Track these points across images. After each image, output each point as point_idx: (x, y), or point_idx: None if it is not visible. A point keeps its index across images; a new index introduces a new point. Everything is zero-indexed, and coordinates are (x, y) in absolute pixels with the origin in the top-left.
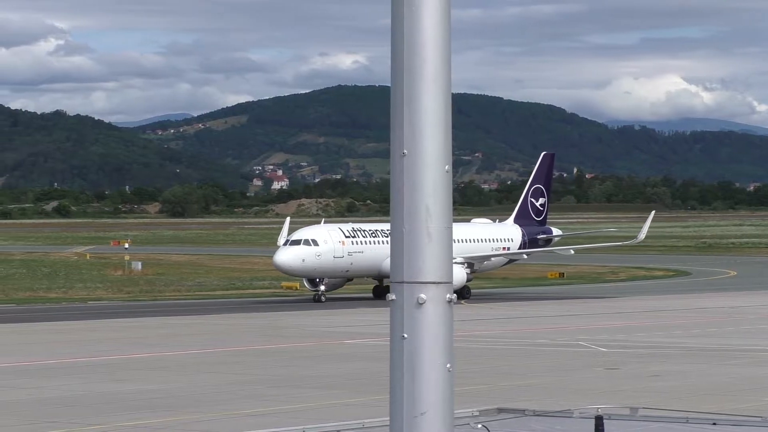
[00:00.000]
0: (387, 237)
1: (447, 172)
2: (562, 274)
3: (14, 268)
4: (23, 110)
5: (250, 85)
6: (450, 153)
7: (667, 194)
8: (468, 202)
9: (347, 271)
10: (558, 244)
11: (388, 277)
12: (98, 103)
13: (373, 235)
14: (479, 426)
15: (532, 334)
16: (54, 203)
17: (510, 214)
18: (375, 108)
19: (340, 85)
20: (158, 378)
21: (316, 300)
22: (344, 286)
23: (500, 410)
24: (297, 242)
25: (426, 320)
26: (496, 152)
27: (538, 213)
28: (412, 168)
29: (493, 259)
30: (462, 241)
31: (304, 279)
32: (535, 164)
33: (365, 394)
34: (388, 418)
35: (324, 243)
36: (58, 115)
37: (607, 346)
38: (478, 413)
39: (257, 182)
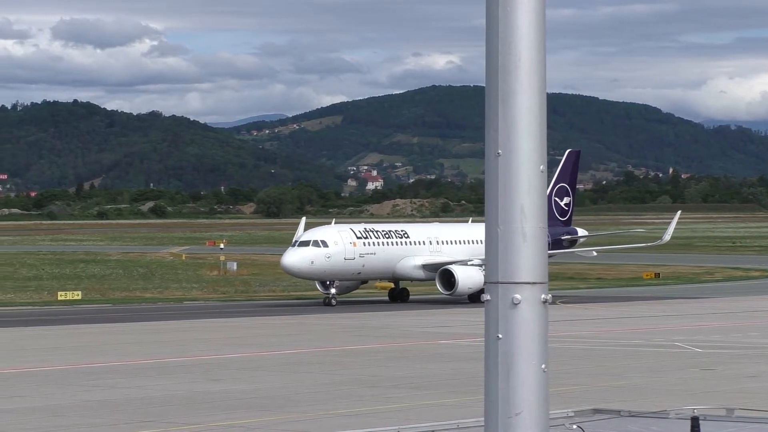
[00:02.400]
0: (401, 238)
1: (542, 172)
2: (657, 275)
3: (110, 268)
4: (119, 111)
5: (345, 86)
6: (545, 153)
7: (764, 194)
8: None
9: (359, 273)
10: (585, 245)
11: (403, 279)
12: (193, 103)
13: (387, 236)
14: (574, 427)
15: (627, 335)
16: (150, 204)
17: (602, 214)
18: (469, 108)
19: (434, 85)
20: (254, 378)
21: (326, 303)
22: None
23: (595, 411)
24: (306, 243)
25: (521, 320)
26: (591, 152)
27: (563, 213)
28: (507, 168)
29: None
30: (479, 242)
31: (316, 282)
32: (561, 162)
33: (460, 394)
34: (483, 419)
35: (334, 244)
36: (154, 115)
37: (702, 347)
38: (573, 414)
39: (352, 182)
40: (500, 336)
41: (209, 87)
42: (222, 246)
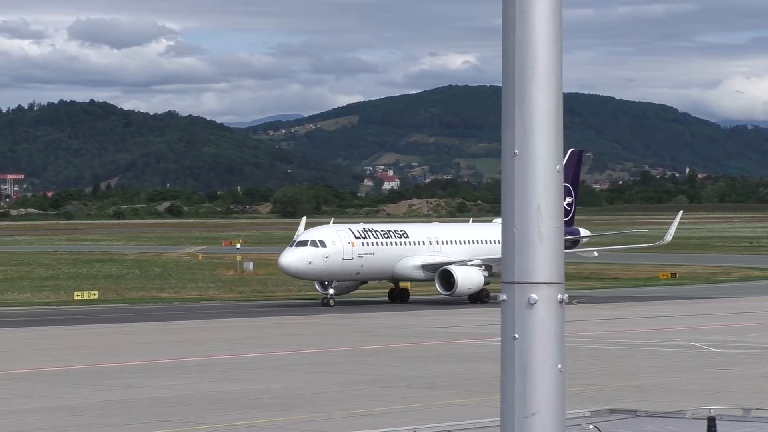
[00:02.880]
0: (400, 238)
1: (558, 172)
2: (674, 275)
3: (127, 268)
4: (136, 111)
5: (361, 86)
6: (561, 153)
7: None
8: (579, 202)
9: (357, 273)
10: (588, 245)
11: (402, 280)
12: (209, 103)
13: (386, 235)
14: (591, 427)
15: (643, 335)
16: (166, 204)
17: (618, 214)
18: (485, 108)
19: (450, 85)
20: (270, 377)
21: (324, 304)
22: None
23: (612, 411)
24: (303, 243)
25: (537, 320)
26: (607, 152)
27: (565, 213)
28: (524, 168)
29: None
30: (479, 243)
31: (315, 282)
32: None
33: (476, 394)
34: (499, 419)
35: (332, 244)
36: (170, 115)
37: (719, 347)
38: (589, 414)
39: (368, 182)
40: (516, 336)
41: (226, 87)
42: (238, 246)
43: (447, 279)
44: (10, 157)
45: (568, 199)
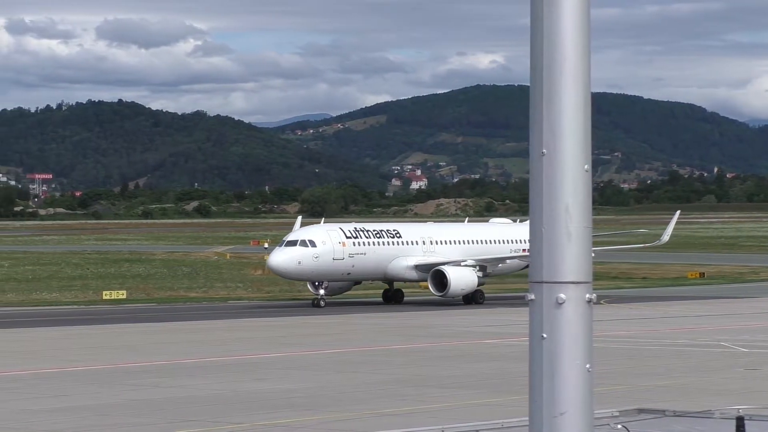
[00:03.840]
0: (393, 237)
1: (586, 171)
2: (702, 274)
3: (155, 267)
4: (164, 111)
5: (389, 85)
6: (589, 152)
7: None
8: (607, 201)
9: (348, 273)
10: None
11: (395, 280)
12: (237, 103)
13: (378, 235)
14: (619, 426)
15: (672, 335)
16: (194, 203)
17: (646, 214)
18: (513, 107)
19: (478, 84)
20: (298, 377)
21: (315, 305)
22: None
23: (640, 411)
24: (293, 243)
25: (565, 320)
26: (635, 151)
27: None
28: (552, 167)
29: (508, 261)
30: (473, 243)
31: (307, 283)
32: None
33: (504, 394)
34: (527, 418)
35: (322, 244)
36: (199, 115)
37: (748, 347)
38: (617, 414)
39: (396, 182)
40: (545, 336)
41: (253, 87)
42: (266, 245)
43: (440, 279)
44: (38, 157)
45: None
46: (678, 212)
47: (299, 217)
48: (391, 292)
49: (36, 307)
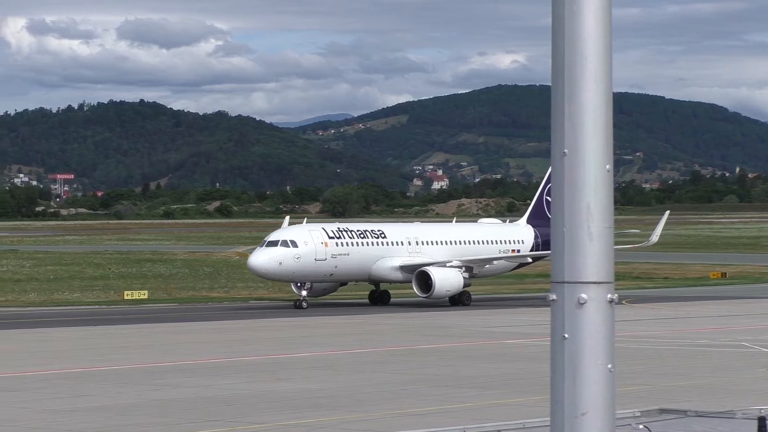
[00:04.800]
0: (377, 238)
1: (608, 171)
2: (724, 275)
3: (177, 267)
4: (185, 111)
5: (410, 85)
6: (611, 152)
7: None
8: (629, 201)
9: (331, 275)
10: None
11: (380, 281)
12: (258, 103)
13: (362, 235)
14: (641, 427)
15: (693, 335)
16: (216, 203)
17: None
18: (535, 107)
19: (499, 84)
20: (320, 377)
21: (297, 306)
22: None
23: (662, 411)
24: (274, 243)
25: (587, 320)
26: (657, 151)
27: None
28: (573, 167)
29: (495, 262)
30: (459, 243)
31: (292, 284)
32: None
33: (525, 394)
34: (549, 419)
35: (304, 244)
36: (220, 115)
37: None
38: (639, 414)
39: (417, 182)
40: (566, 336)
41: (275, 87)
42: None
43: (425, 281)
44: (60, 157)
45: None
46: (667, 212)
47: (287, 218)
48: (378, 294)
49: (57, 307)
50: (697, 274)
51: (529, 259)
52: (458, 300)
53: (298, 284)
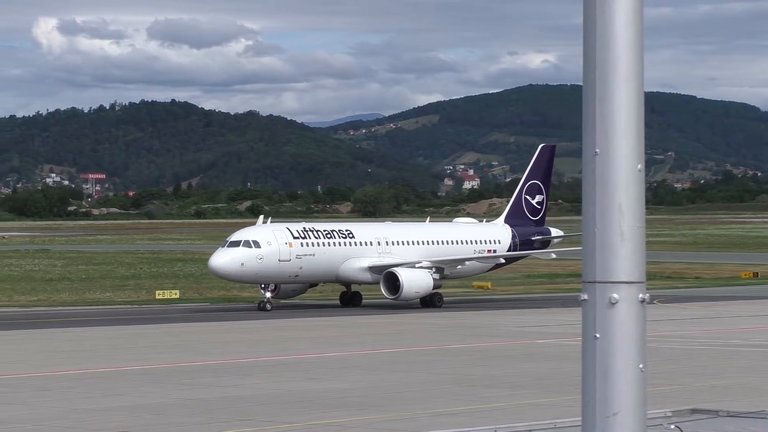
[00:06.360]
0: (344, 238)
1: (639, 170)
2: (756, 274)
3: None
4: (216, 111)
5: (441, 85)
6: (642, 152)
7: None
8: (660, 201)
9: (296, 276)
10: (561, 245)
11: (348, 282)
12: (289, 103)
13: (328, 236)
14: (672, 427)
15: (725, 335)
16: (247, 203)
17: (700, 214)
18: (566, 107)
19: (530, 84)
20: (352, 377)
21: (261, 308)
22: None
23: (694, 411)
24: (236, 244)
25: (619, 320)
26: (688, 151)
27: (535, 212)
28: (605, 167)
29: (468, 263)
30: (432, 243)
31: (260, 285)
32: (533, 158)
33: (556, 394)
34: (580, 419)
35: (267, 244)
36: (251, 115)
37: None
38: (671, 414)
39: (448, 182)
40: (598, 336)
41: (305, 86)
42: None
43: (393, 282)
44: (92, 156)
45: (539, 198)
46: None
47: (261, 217)
48: (349, 295)
49: (89, 307)
50: (728, 274)
51: (502, 260)
52: (429, 302)
53: (263, 286)
